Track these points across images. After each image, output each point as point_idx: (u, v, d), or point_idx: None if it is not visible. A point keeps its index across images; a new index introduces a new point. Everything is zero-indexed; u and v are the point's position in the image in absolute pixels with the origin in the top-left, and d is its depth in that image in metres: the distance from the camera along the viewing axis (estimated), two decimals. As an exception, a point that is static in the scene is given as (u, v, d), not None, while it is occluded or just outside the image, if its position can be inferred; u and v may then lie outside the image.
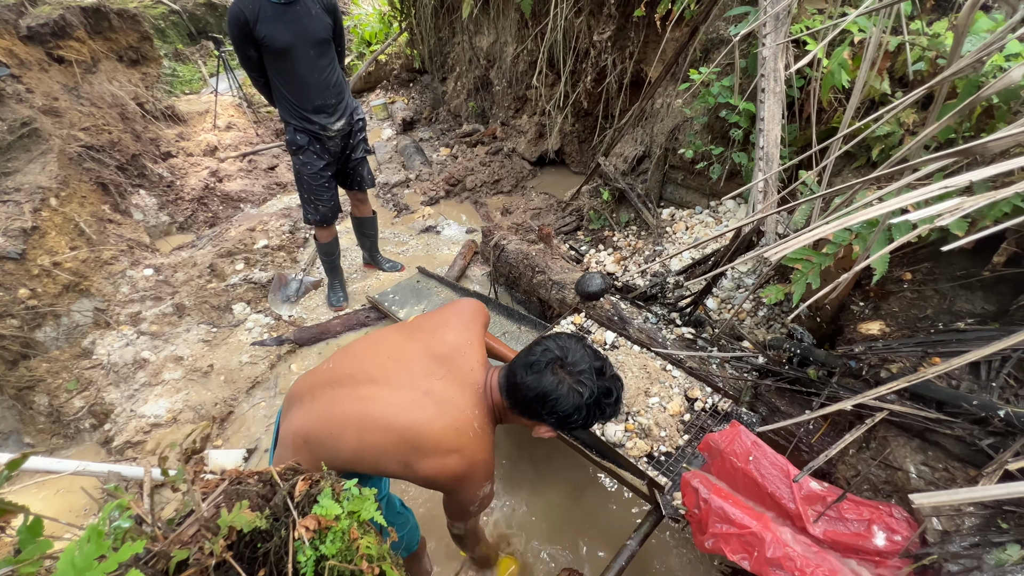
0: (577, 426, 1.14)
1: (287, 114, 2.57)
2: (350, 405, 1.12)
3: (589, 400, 1.09)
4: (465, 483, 1.12)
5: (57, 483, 2.27)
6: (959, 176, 0.74)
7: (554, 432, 1.18)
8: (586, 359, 1.12)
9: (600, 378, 1.12)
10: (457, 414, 1.11)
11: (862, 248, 1.38)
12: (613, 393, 1.13)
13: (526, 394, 1.11)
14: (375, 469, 1.12)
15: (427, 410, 1.10)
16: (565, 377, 1.10)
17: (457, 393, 1.14)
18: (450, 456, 1.07)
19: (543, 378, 1.09)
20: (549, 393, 1.08)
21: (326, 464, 1.09)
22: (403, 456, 1.08)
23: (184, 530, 0.72)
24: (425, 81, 6.30)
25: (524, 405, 1.13)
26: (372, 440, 1.08)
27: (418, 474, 1.09)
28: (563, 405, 1.08)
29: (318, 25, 2.39)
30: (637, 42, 3.30)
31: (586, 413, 1.10)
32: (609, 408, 1.14)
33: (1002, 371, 1.34)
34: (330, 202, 2.82)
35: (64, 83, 3.84)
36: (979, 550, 1.06)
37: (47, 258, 2.87)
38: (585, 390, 1.09)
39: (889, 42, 1.68)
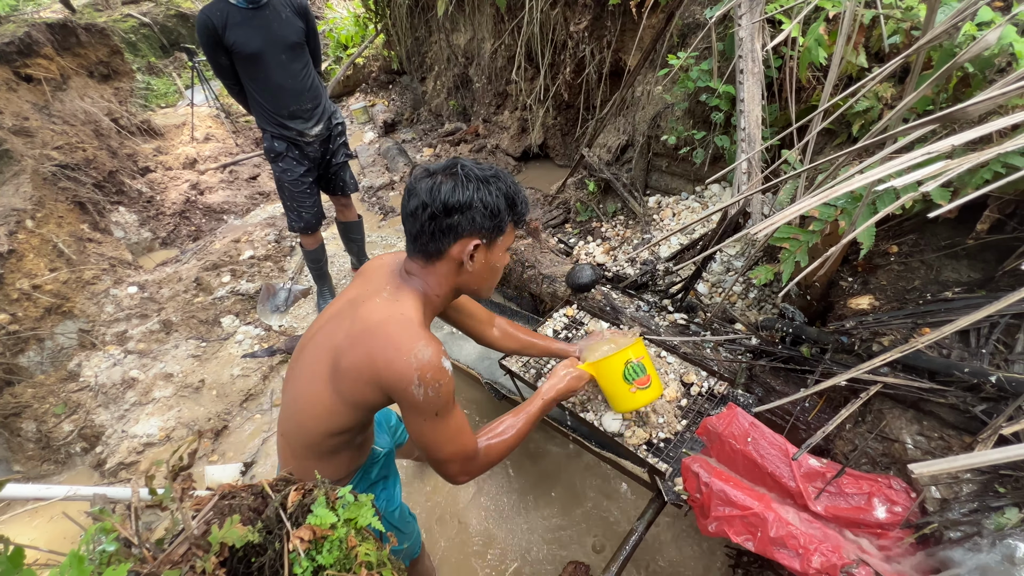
0: (486, 212, 1.01)
1: (263, 121, 2.52)
2: (302, 367, 1.12)
3: (472, 175, 1.00)
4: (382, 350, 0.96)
5: (49, 510, 2.22)
6: (940, 141, 0.74)
7: (479, 239, 1.03)
8: (448, 159, 1.06)
9: (475, 163, 1.04)
10: (371, 299, 1.06)
11: (848, 223, 1.38)
12: (494, 167, 1.05)
13: (417, 218, 1.01)
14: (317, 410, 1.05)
15: (345, 314, 1.08)
16: (442, 175, 1.02)
17: (373, 285, 1.10)
18: (356, 327, 1.01)
19: (419, 189, 1.01)
20: (432, 193, 0.99)
21: (301, 443, 1.10)
22: (329, 366, 1.03)
23: (174, 549, 0.69)
24: (404, 82, 6.25)
25: (423, 234, 1.02)
26: (309, 373, 1.07)
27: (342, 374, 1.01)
28: (448, 193, 0.98)
29: (288, 29, 2.34)
30: (614, 31, 3.29)
31: (479, 190, 1.00)
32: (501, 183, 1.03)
33: (991, 337, 1.35)
34: (313, 208, 2.78)
35: (34, 102, 3.76)
36: (978, 516, 1.07)
37: (26, 281, 2.80)
38: (459, 170, 1.01)
39: (863, 16, 1.68)
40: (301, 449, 1.11)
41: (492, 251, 1.08)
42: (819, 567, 1.13)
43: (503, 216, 1.04)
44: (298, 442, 1.11)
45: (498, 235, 1.06)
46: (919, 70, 1.31)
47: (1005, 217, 1.50)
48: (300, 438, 1.10)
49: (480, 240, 1.04)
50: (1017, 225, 1.49)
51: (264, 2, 2.25)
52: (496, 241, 1.07)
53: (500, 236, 1.07)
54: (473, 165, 1.03)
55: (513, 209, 1.06)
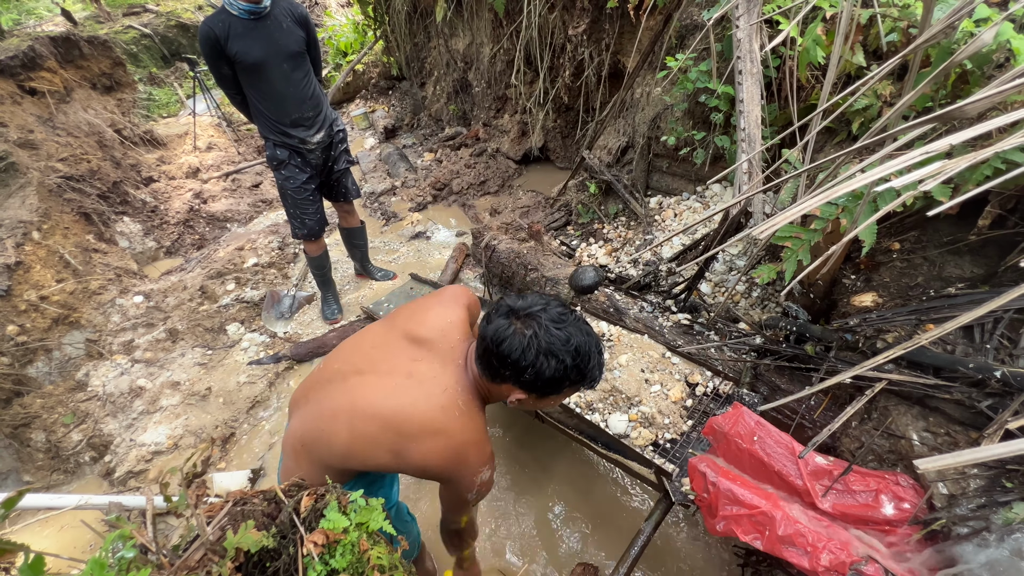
0: (536, 382, 1.01)
1: (266, 129, 2.55)
2: (339, 398, 1.12)
3: (536, 343, 0.98)
4: (458, 467, 1.05)
5: (60, 520, 2.24)
6: (939, 141, 0.75)
7: (524, 395, 1.05)
8: (541, 303, 1.04)
9: (556, 323, 1.00)
10: (440, 393, 1.06)
11: (849, 221, 1.39)
12: (571, 341, 1.00)
13: (482, 347, 1.04)
14: (368, 463, 1.08)
15: (410, 392, 1.06)
16: (515, 322, 1.01)
17: (440, 372, 1.10)
18: (438, 438, 1.03)
19: (493, 325, 1.02)
20: (496, 339, 1.00)
21: (323, 464, 1.10)
22: (391, 444, 1.04)
23: (190, 555, 0.71)
24: (404, 88, 6.28)
25: (484, 362, 1.05)
26: (361, 429, 1.06)
27: (409, 462, 1.04)
28: (509, 349, 0.98)
29: (290, 39, 2.37)
30: (612, 34, 3.31)
31: (538, 360, 0.98)
32: (569, 358, 1.00)
33: (995, 333, 1.35)
34: (316, 215, 2.80)
35: (38, 115, 3.79)
36: (986, 511, 1.07)
37: (33, 293, 2.83)
38: (530, 331, 0.99)
39: (860, 15, 1.69)
40: (327, 467, 1.11)
41: (542, 400, 1.10)
42: (828, 565, 1.13)
43: (560, 386, 1.04)
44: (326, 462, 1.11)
45: (549, 395, 1.06)
46: (917, 68, 1.32)
47: (1006, 212, 1.50)
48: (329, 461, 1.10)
49: (527, 395, 1.06)
50: (1018, 220, 1.49)
51: (265, 13, 2.28)
52: (546, 398, 1.08)
53: (552, 396, 1.07)
54: (551, 327, 1.00)
55: (579, 381, 1.05)
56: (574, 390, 1.10)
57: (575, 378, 1.03)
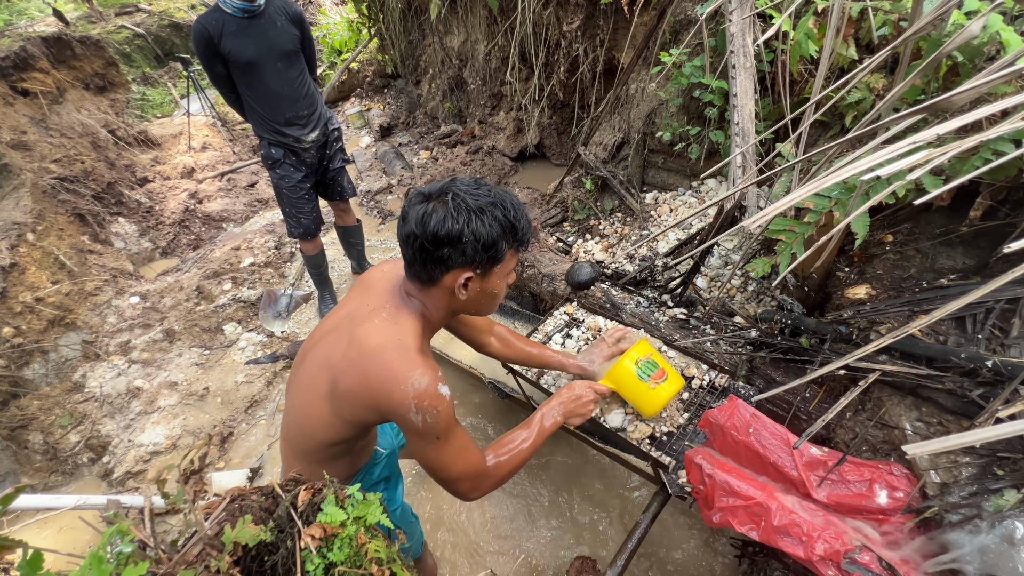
0: (478, 244, 0.96)
1: (260, 128, 2.54)
2: (299, 373, 1.12)
3: (463, 205, 0.95)
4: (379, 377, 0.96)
5: (59, 521, 2.24)
6: (926, 131, 0.75)
7: (471, 272, 1.00)
8: (445, 181, 1.00)
9: (473, 187, 0.98)
10: (367, 314, 1.04)
11: (842, 214, 1.40)
12: (492, 193, 0.98)
13: (409, 244, 0.98)
14: (318, 423, 1.05)
15: (345, 329, 1.05)
16: (432, 202, 0.97)
17: (373, 300, 1.08)
18: (352, 348, 0.99)
19: (411, 216, 0.97)
20: (422, 221, 0.94)
21: (301, 450, 1.10)
22: (326, 385, 1.02)
23: (188, 550, 0.71)
24: (399, 86, 6.26)
25: (416, 261, 0.99)
26: (309, 386, 1.05)
27: (339, 394, 1.00)
28: (438, 223, 0.93)
29: (284, 37, 2.36)
30: (607, 29, 3.31)
31: (471, 221, 0.94)
32: (498, 211, 0.97)
33: (987, 323, 1.36)
34: (311, 214, 2.80)
35: (31, 115, 3.77)
36: (977, 498, 1.09)
37: (29, 294, 2.82)
38: (448, 197, 0.95)
39: (852, 8, 1.69)
40: (304, 454, 1.12)
41: (488, 280, 1.04)
42: (823, 554, 1.14)
43: (499, 247, 0.99)
44: (300, 448, 1.12)
45: (493, 265, 1.01)
46: (907, 60, 1.32)
47: (998, 204, 1.51)
48: (302, 445, 1.11)
49: (472, 272, 1.00)
50: (1009, 211, 1.50)
51: (259, 11, 2.27)
52: (492, 271, 1.03)
53: (496, 265, 1.02)
54: (469, 190, 0.97)
55: (513, 237, 1.01)
56: (514, 256, 1.06)
57: (509, 234, 1.00)
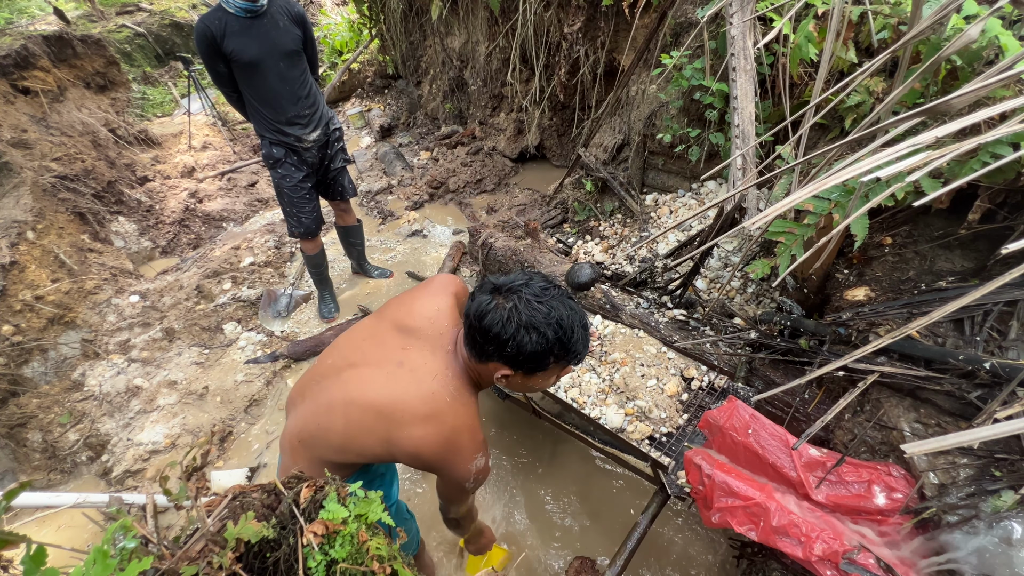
0: (519, 357, 0.99)
1: (261, 128, 2.54)
2: (333, 391, 1.12)
3: (517, 317, 0.97)
4: (452, 454, 1.05)
5: (58, 519, 2.23)
6: (925, 133, 0.76)
7: (509, 371, 1.04)
8: (523, 278, 1.03)
9: (538, 298, 0.99)
10: (430, 379, 1.06)
11: (842, 216, 1.40)
12: (552, 315, 0.98)
13: (467, 324, 1.04)
14: (364, 454, 1.09)
15: (401, 380, 1.06)
16: (497, 297, 1.00)
17: (429, 358, 1.10)
18: (428, 424, 1.02)
19: (476, 301, 1.01)
20: (478, 315, 0.99)
21: (320, 459, 1.11)
22: (384, 432, 1.04)
23: (191, 546, 0.71)
24: (400, 86, 6.27)
25: (469, 341, 1.05)
26: (356, 420, 1.06)
27: (403, 449, 1.04)
28: (490, 324, 0.98)
29: (286, 37, 2.37)
30: (607, 31, 3.32)
31: (518, 335, 0.97)
32: (551, 331, 0.98)
33: (985, 325, 1.37)
34: (312, 214, 2.80)
35: (32, 114, 3.77)
36: (975, 499, 1.09)
37: (28, 292, 2.82)
38: (511, 304, 0.98)
39: (852, 12, 1.70)
40: (324, 462, 1.12)
41: (530, 379, 1.07)
42: (821, 554, 1.15)
43: (543, 361, 1.01)
44: (322, 457, 1.12)
45: (535, 372, 1.04)
46: (907, 64, 1.33)
47: (996, 207, 1.52)
48: (326, 456, 1.11)
49: (512, 372, 1.04)
50: (1008, 214, 1.51)
51: (262, 11, 2.27)
52: (533, 375, 1.05)
53: (539, 373, 1.05)
54: (532, 299, 0.98)
55: (563, 355, 1.02)
56: (561, 367, 1.07)
57: (559, 353, 1.01)
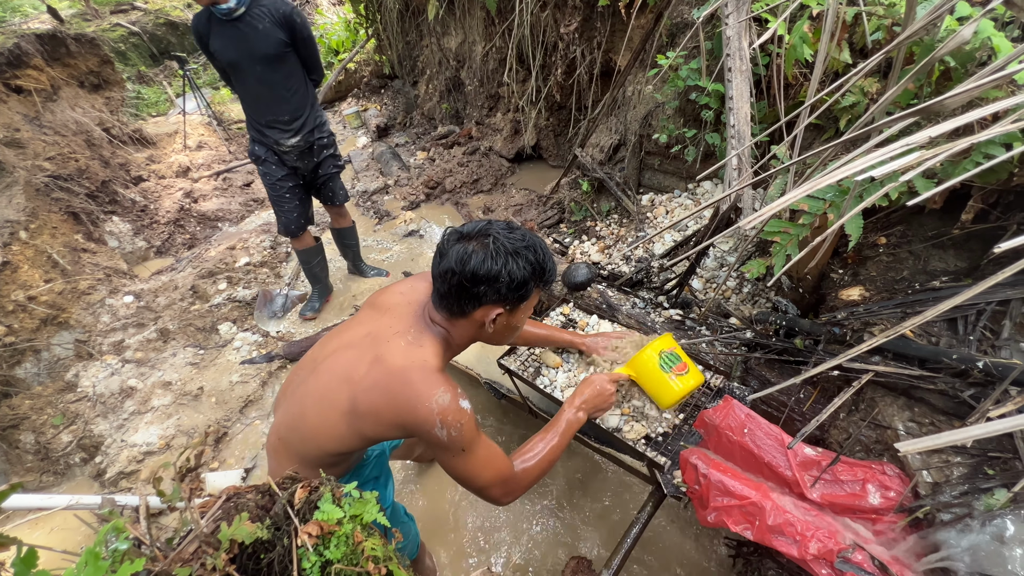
0: (512, 284, 1.03)
1: (247, 125, 2.60)
2: (308, 382, 1.13)
3: (501, 248, 1.01)
4: (404, 397, 1.00)
5: (49, 521, 2.21)
6: (919, 133, 0.77)
7: (502, 308, 1.06)
8: (484, 222, 1.07)
9: (508, 230, 1.05)
10: (391, 335, 1.08)
11: (836, 216, 1.41)
12: (527, 238, 1.05)
13: (446, 280, 1.03)
14: (332, 435, 1.06)
15: (365, 347, 1.08)
16: (470, 243, 1.03)
17: (395, 322, 1.12)
18: (378, 366, 1.03)
19: (450, 253, 1.03)
20: (461, 261, 1.00)
21: (298, 455, 1.11)
22: (345, 400, 1.03)
23: (184, 548, 0.71)
24: (396, 86, 6.26)
25: (450, 295, 1.05)
26: (325, 399, 1.06)
27: (360, 411, 1.02)
28: (478, 264, 1.00)
29: (265, 42, 2.31)
30: (604, 32, 3.32)
31: (508, 263, 1.01)
32: (531, 254, 1.04)
33: (978, 324, 1.38)
34: (292, 213, 2.77)
35: (24, 113, 3.74)
36: (969, 497, 1.10)
37: (21, 293, 2.80)
38: (490, 239, 1.02)
39: (846, 13, 1.71)
40: (302, 459, 1.12)
41: (514, 315, 1.12)
42: (816, 553, 1.15)
43: (529, 286, 1.07)
44: (300, 453, 1.12)
45: (521, 302, 1.09)
46: (900, 65, 1.34)
47: (989, 207, 1.53)
48: (304, 452, 1.11)
49: (503, 308, 1.07)
50: (1000, 214, 1.52)
51: (237, 15, 2.23)
52: (519, 307, 1.10)
53: (524, 302, 1.10)
54: (505, 233, 1.04)
55: (540, 277, 1.09)
56: (538, 293, 1.13)
57: (538, 273, 1.07)
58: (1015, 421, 0.93)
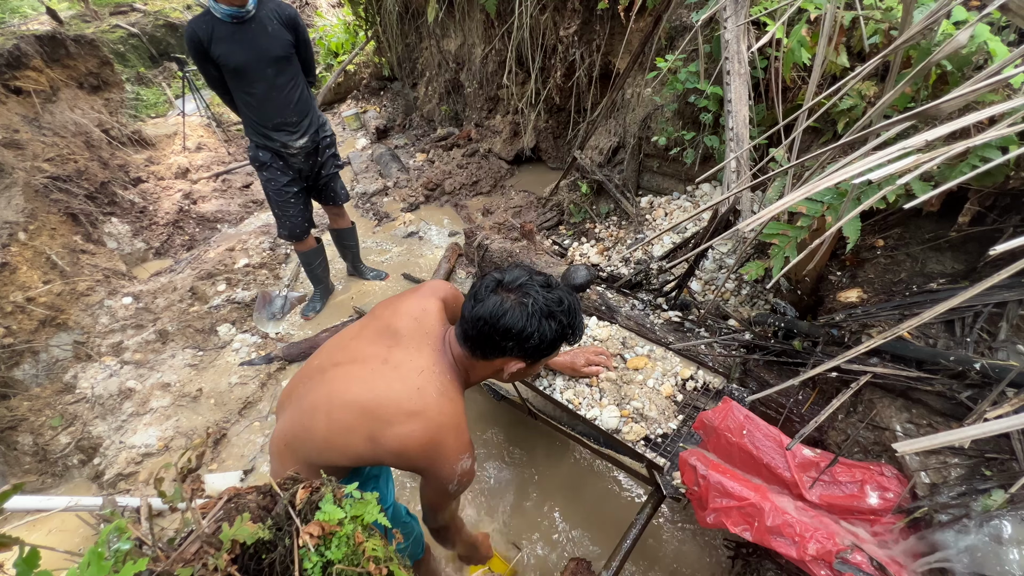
0: (540, 346, 1.06)
1: (249, 131, 2.55)
2: (317, 391, 1.12)
3: (537, 310, 1.04)
4: (436, 453, 1.04)
5: (48, 523, 2.21)
6: (916, 136, 0.77)
7: (524, 363, 1.10)
8: (525, 274, 1.08)
9: (546, 289, 1.07)
10: (416, 375, 1.07)
11: (834, 218, 1.42)
12: (564, 301, 1.07)
13: (476, 326, 1.05)
14: (346, 453, 1.07)
15: (385, 377, 1.07)
16: (507, 295, 1.05)
17: (415, 355, 1.10)
18: (414, 420, 1.02)
19: (487, 303, 1.04)
20: (495, 314, 1.03)
21: (306, 461, 1.10)
22: (368, 430, 1.03)
23: (186, 548, 0.71)
24: (396, 88, 6.28)
25: (478, 340, 1.07)
26: (337, 418, 1.05)
27: (386, 447, 1.02)
28: (512, 321, 1.03)
29: (275, 43, 2.33)
30: (603, 35, 3.34)
31: (540, 325, 1.04)
32: (565, 317, 1.07)
33: (975, 326, 1.39)
34: (297, 217, 2.78)
35: (24, 114, 3.74)
36: (966, 498, 1.10)
37: (20, 294, 2.79)
38: (528, 299, 1.04)
39: (844, 17, 1.72)
40: (310, 465, 1.11)
41: (534, 366, 1.14)
42: (815, 554, 1.15)
43: (557, 347, 1.09)
44: (308, 460, 1.11)
45: (542, 358, 1.11)
46: (897, 69, 1.35)
47: (985, 209, 1.54)
48: (314, 459, 1.10)
49: (525, 362, 1.10)
50: (997, 217, 1.54)
51: (248, 17, 2.25)
52: (539, 360, 1.12)
53: (546, 357, 1.12)
54: (544, 293, 1.05)
55: (569, 340, 1.11)
56: (563, 347, 1.15)
57: (568, 336, 1.10)
58: (1012, 422, 0.94)
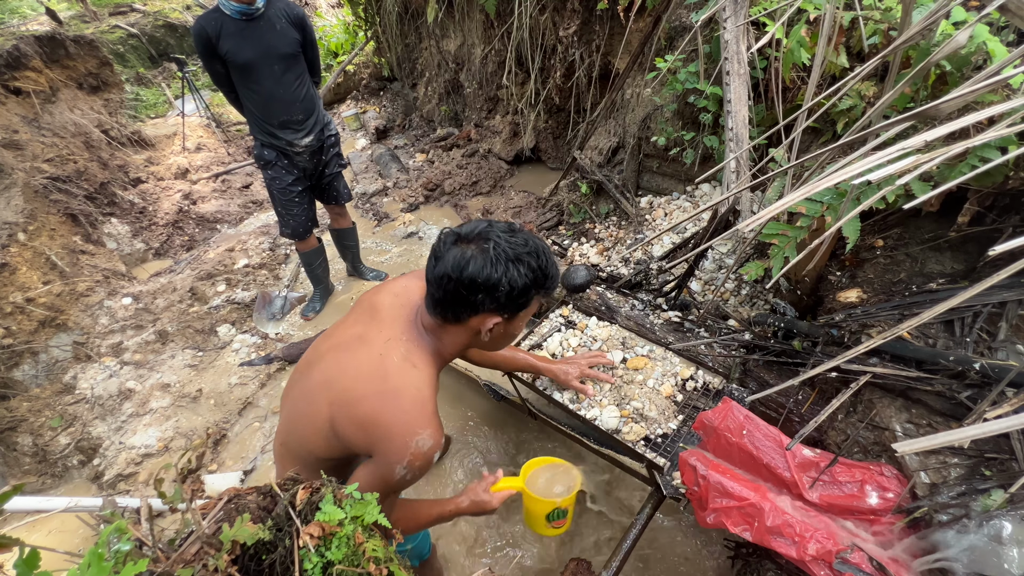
0: (512, 293, 0.96)
1: (254, 129, 2.55)
2: (304, 384, 1.11)
3: (501, 253, 0.94)
4: (389, 419, 0.95)
5: (47, 524, 2.21)
6: (915, 137, 0.78)
7: (499, 318, 1.00)
8: (484, 223, 1.00)
9: (508, 233, 0.98)
10: (382, 343, 1.02)
11: (834, 219, 1.42)
12: (529, 243, 0.98)
13: (441, 285, 0.96)
14: (323, 436, 1.02)
15: (356, 351, 1.04)
16: (468, 246, 0.96)
17: (387, 328, 1.06)
18: (369, 381, 0.97)
19: (446, 258, 0.95)
20: (458, 266, 0.94)
21: (300, 459, 1.09)
22: (331, 403, 0.99)
23: (186, 549, 0.71)
24: (395, 88, 6.27)
25: (445, 301, 0.98)
26: (314, 402, 1.02)
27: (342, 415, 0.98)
28: (476, 270, 0.93)
29: (283, 40, 2.35)
30: (603, 35, 3.34)
31: (508, 270, 0.94)
32: (533, 259, 0.97)
33: (974, 326, 1.39)
34: (301, 216, 2.79)
35: (23, 115, 3.74)
36: (966, 498, 1.10)
37: (19, 295, 2.79)
38: (490, 244, 0.95)
39: (843, 17, 1.73)
40: (301, 461, 1.11)
41: (512, 323, 1.05)
42: (815, 554, 1.15)
43: (530, 295, 1.00)
44: (297, 455, 1.11)
45: (520, 310, 1.02)
46: (897, 69, 1.35)
47: (985, 209, 1.54)
48: (300, 454, 1.10)
49: (501, 317, 1.01)
50: (996, 217, 1.54)
51: (258, 14, 2.27)
52: (518, 315, 1.03)
53: (523, 311, 1.03)
54: (506, 237, 0.97)
55: (542, 286, 1.01)
56: (539, 300, 1.06)
57: (540, 280, 1.00)
58: (1011, 422, 0.94)
